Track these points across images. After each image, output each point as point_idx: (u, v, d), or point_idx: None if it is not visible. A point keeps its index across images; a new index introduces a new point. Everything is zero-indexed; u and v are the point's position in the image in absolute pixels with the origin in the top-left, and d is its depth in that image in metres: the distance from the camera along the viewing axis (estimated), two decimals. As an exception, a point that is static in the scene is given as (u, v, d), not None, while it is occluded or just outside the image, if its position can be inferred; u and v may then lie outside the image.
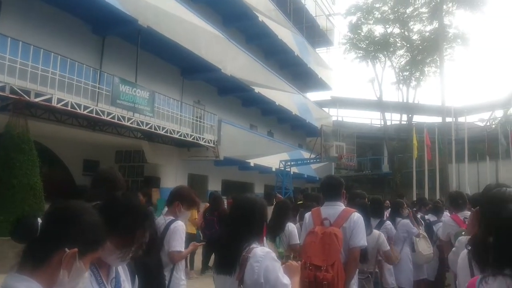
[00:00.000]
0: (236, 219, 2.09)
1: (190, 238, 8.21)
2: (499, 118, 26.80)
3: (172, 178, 14.56)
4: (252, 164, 17.05)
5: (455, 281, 3.22)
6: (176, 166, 14.98)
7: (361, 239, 3.17)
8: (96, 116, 9.78)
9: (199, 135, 13.84)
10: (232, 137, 15.78)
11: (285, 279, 1.90)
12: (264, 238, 4.64)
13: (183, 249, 3.31)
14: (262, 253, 1.92)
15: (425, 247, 5.45)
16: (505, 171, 19.57)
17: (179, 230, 3.30)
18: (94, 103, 9.92)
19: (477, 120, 28.95)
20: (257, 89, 17.56)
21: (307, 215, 3.45)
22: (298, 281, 2.04)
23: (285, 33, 20.83)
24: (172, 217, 3.40)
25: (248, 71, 17.13)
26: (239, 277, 1.90)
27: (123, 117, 10.52)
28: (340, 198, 3.35)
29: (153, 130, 11.62)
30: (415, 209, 7.80)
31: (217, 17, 17.11)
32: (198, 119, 14.22)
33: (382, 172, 27.07)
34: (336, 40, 29.46)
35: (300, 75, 24.76)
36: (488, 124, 26.89)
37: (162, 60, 14.25)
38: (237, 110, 19.15)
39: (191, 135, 13.38)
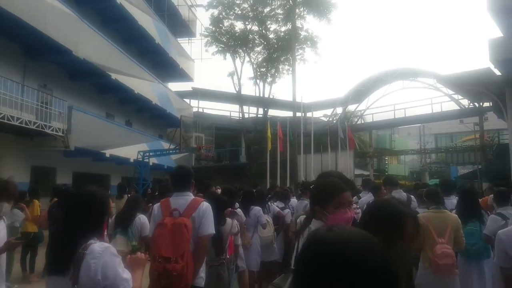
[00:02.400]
0: (73, 213, 1.96)
1: (32, 237, 7.40)
2: (339, 115, 30.41)
3: (10, 171, 12.77)
4: (107, 155, 16.08)
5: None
6: (16, 158, 13.23)
7: (210, 228, 3.28)
8: None
9: (45, 123, 12.46)
10: (85, 126, 14.64)
11: (126, 274, 1.86)
12: (114, 232, 4.46)
13: None
14: (100, 248, 1.84)
15: (264, 230, 5.94)
16: (343, 161, 22.44)
17: None
18: None
19: (322, 115, 32.47)
20: (114, 76, 16.57)
21: (156, 206, 3.42)
22: (141, 273, 2.01)
23: (145, 19, 20.06)
24: None
25: (104, 56, 16.03)
26: (73, 277, 1.79)
27: None
28: (189, 188, 3.40)
29: (-15, 116, 10.04)
30: (269, 195, 8.36)
31: (68, -6, 15.56)
32: (44, 105, 12.79)
33: (240, 162, 28.31)
34: (198, 31, 29.60)
35: (160, 64, 24.18)
36: (330, 119, 30.34)
37: (-2, 35, 12.38)
38: (91, 97, 17.78)
39: (35, 123, 11.96)
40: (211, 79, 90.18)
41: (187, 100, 29.25)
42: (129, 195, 9.22)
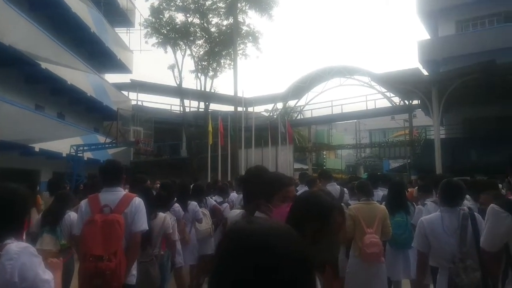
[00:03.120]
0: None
1: None
2: (280, 110, 30.95)
3: None
4: (37, 149, 15.10)
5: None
6: None
7: (143, 224, 3.20)
8: None
9: (-37, 114, 11.44)
10: (11, 118, 13.61)
11: (47, 275, 1.76)
12: (41, 231, 4.21)
13: None
14: (18, 249, 1.72)
15: (203, 223, 5.94)
16: (282, 155, 22.92)
17: None
18: None
19: (263, 110, 32.82)
20: (44, 65, 15.53)
21: (83, 202, 3.26)
22: (60, 274, 1.92)
23: (80, 6, 19.01)
24: None
25: (34, 43, 14.96)
26: None
27: None
28: (120, 183, 3.29)
29: None
30: (213, 189, 8.34)
31: (-10, -26, 14.31)
32: (-37, 95, 11.73)
33: (181, 157, 27.91)
34: (137, 22, 28.59)
35: (97, 54, 23.07)
36: (271, 114, 30.78)
37: None
38: (18, 87, 16.52)
39: (-49, 114, 10.94)
40: (152, 72, 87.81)
41: (125, 93, 28.21)
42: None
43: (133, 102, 28.80)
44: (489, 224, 2.49)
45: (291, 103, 31.36)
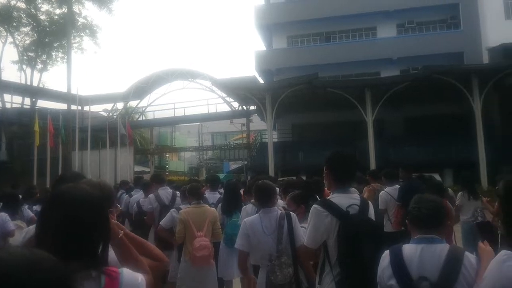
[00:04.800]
0: None
1: None
2: (120, 110, 29.47)
3: None
4: None
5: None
6: None
7: None
8: None
9: None
10: None
11: None
12: None
13: None
14: None
15: (16, 237, 5.33)
16: (123, 158, 21.86)
17: None
18: None
19: (102, 110, 30.75)
20: None
21: None
22: None
23: None
24: None
25: None
26: None
27: None
28: None
29: None
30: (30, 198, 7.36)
31: None
32: None
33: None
34: None
35: None
36: (110, 114, 29.06)
37: None
38: None
39: None
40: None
41: None
42: None
43: None
44: (311, 223, 2.64)
45: (133, 103, 30.19)
